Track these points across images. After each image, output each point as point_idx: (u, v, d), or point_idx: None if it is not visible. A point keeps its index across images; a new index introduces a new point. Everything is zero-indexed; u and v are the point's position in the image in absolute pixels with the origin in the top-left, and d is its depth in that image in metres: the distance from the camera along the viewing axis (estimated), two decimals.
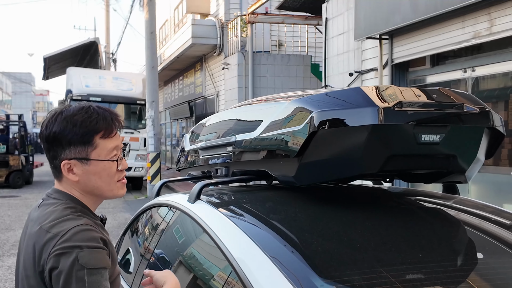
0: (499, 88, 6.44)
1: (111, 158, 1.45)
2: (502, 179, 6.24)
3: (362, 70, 8.58)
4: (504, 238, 1.90)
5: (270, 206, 2.01)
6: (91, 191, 1.47)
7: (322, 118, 1.75)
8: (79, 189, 1.46)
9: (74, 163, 1.42)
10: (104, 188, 1.46)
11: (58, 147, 1.42)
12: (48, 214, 1.39)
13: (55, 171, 1.46)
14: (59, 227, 1.33)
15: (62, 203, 1.42)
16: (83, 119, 1.40)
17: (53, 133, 1.41)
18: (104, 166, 1.44)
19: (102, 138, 1.43)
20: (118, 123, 1.47)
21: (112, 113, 1.47)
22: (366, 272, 1.49)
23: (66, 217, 1.36)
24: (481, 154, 1.96)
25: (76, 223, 1.33)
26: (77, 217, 1.37)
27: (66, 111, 1.43)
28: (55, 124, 1.41)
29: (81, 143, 1.41)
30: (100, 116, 1.43)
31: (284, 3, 12.48)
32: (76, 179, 1.43)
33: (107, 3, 25.82)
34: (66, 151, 1.41)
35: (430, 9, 6.34)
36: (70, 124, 1.40)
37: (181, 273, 2.04)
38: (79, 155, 1.41)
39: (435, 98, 1.84)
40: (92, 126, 1.41)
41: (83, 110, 1.43)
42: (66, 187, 1.46)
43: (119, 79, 16.07)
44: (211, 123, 3.01)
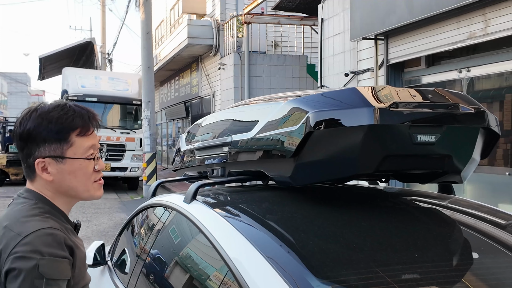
0: (494, 88, 6.46)
1: (87, 157, 1.41)
2: (498, 179, 6.26)
3: (358, 71, 8.59)
4: (499, 238, 1.91)
5: (266, 206, 2.01)
6: (65, 191, 1.41)
7: (318, 118, 1.75)
8: (52, 190, 1.41)
9: (48, 162, 1.37)
10: (79, 188, 1.41)
11: (32, 144, 1.37)
12: (14, 213, 1.35)
13: (28, 170, 1.41)
14: (22, 227, 1.28)
15: (30, 203, 1.37)
16: (59, 115, 1.37)
17: (27, 130, 1.36)
18: (80, 165, 1.39)
19: (78, 136, 1.38)
20: (95, 122, 1.43)
21: (89, 111, 1.43)
22: (362, 272, 1.49)
23: (31, 217, 1.31)
24: (476, 154, 1.97)
25: (41, 225, 1.28)
26: (43, 219, 1.31)
27: (41, 108, 1.39)
28: (29, 121, 1.36)
29: (56, 140, 1.36)
30: (76, 113, 1.39)
31: (280, 4, 12.49)
32: (50, 178, 1.38)
33: (103, 3, 25.76)
34: (40, 149, 1.36)
35: (425, 10, 6.36)
36: (45, 120, 1.36)
37: (177, 273, 2.04)
38: (54, 153, 1.37)
39: (431, 99, 1.85)
40: (68, 123, 1.37)
41: (59, 107, 1.39)
42: (38, 187, 1.41)
43: (115, 79, 16.03)
44: (207, 124, 3.01)
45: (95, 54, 24.56)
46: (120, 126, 14.99)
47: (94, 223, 9.26)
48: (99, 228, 8.76)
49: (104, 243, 2.88)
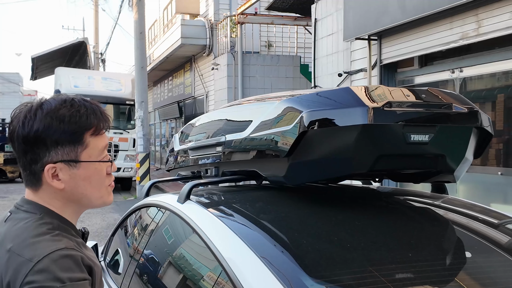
0: (486, 88, 6.49)
1: (103, 159, 1.25)
2: (490, 179, 6.29)
3: (351, 71, 8.61)
4: (492, 237, 1.92)
5: (260, 206, 2.01)
6: (77, 200, 1.24)
7: (312, 118, 1.76)
8: (62, 199, 1.22)
9: (60, 167, 1.19)
10: (94, 195, 1.25)
11: (40, 148, 1.18)
12: (18, 232, 1.15)
13: (32, 178, 1.21)
14: (32, 250, 1.08)
15: (35, 218, 1.18)
16: (71, 113, 1.19)
17: (35, 132, 1.16)
18: (95, 169, 1.23)
19: (92, 136, 1.22)
20: (107, 118, 1.27)
21: (99, 106, 1.27)
22: (356, 272, 1.49)
23: (40, 236, 1.12)
24: (469, 154, 1.98)
25: (55, 246, 1.09)
26: (54, 237, 1.13)
27: (47, 105, 1.20)
28: (35, 121, 1.17)
29: (70, 142, 1.19)
30: (89, 110, 1.22)
31: (273, 4, 12.50)
32: (61, 186, 1.20)
33: (96, 3, 25.67)
34: (51, 153, 1.18)
35: (418, 10, 6.38)
36: (55, 120, 1.17)
37: (171, 273, 2.04)
38: (67, 157, 1.19)
39: (424, 98, 1.85)
40: (82, 122, 1.20)
41: (67, 103, 1.20)
42: (44, 197, 1.21)
43: (108, 79, 15.98)
44: (200, 123, 3.01)
45: (88, 54, 24.49)
46: (113, 126, 14.93)
47: (87, 223, 9.22)
48: (92, 229, 8.73)
49: (97, 244, 2.87)
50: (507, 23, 5.48)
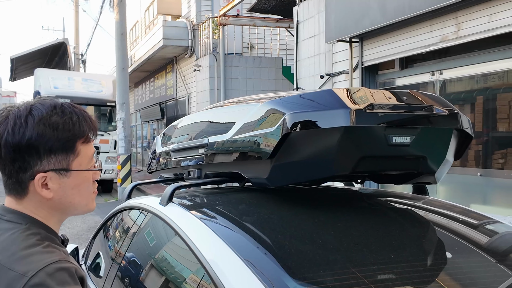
0: (466, 90, 6.58)
1: (92, 167, 1.23)
2: (470, 180, 6.38)
3: (333, 73, 8.66)
4: (472, 237, 1.94)
5: (243, 208, 2.01)
6: (64, 209, 1.21)
7: (294, 120, 1.76)
8: (48, 208, 1.19)
9: (50, 176, 1.15)
10: (81, 203, 1.22)
11: (32, 157, 1.13)
12: (4, 244, 1.09)
13: (18, 186, 1.16)
14: (25, 264, 1.04)
15: (21, 229, 1.13)
16: (64, 121, 1.16)
17: (28, 140, 1.12)
18: (85, 177, 1.21)
19: (83, 144, 1.19)
20: (96, 125, 1.25)
21: (87, 112, 1.24)
22: (338, 273, 1.50)
23: (32, 248, 1.08)
24: (450, 156, 2.00)
25: (50, 259, 1.05)
26: (46, 249, 1.09)
27: (36, 110, 1.15)
28: (27, 128, 1.12)
29: (63, 150, 1.15)
30: (80, 117, 1.19)
31: (255, 6, 12.52)
32: (50, 195, 1.16)
33: (76, 3, 25.42)
34: (43, 162, 1.14)
35: (398, 13, 6.45)
36: (49, 127, 1.13)
37: (153, 276, 2.02)
38: (59, 166, 1.16)
39: (405, 100, 1.87)
40: (76, 130, 1.17)
41: (58, 109, 1.17)
42: (29, 206, 1.17)
43: (88, 80, 15.83)
44: (183, 125, 3.00)
45: (68, 55, 24.25)
46: None
47: (67, 226, 9.12)
48: (73, 231, 8.63)
49: (77, 247, 2.84)
50: (485, 26, 5.57)
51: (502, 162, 6.07)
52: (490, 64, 6.01)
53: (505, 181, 5.88)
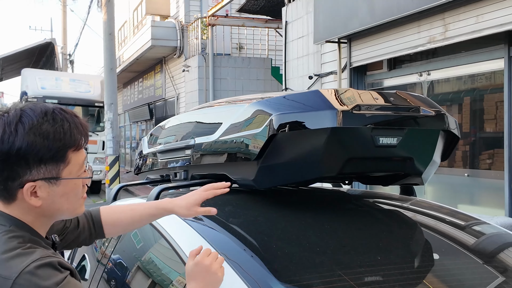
0: (453, 91, 6.62)
1: (82, 174, 1.21)
2: (457, 181, 6.41)
3: (322, 73, 8.67)
4: (459, 238, 1.94)
5: (229, 210, 1.99)
6: (51, 215, 1.20)
7: (281, 121, 1.75)
8: (35, 214, 1.18)
9: (39, 185, 1.14)
10: (69, 209, 1.21)
11: (21, 166, 1.11)
12: None
13: (6, 193, 1.15)
14: (7, 268, 1.04)
15: (4, 231, 1.12)
16: (55, 130, 1.13)
17: (17, 149, 1.09)
18: (74, 185, 1.19)
19: (74, 152, 1.17)
20: (88, 131, 1.22)
21: (78, 117, 1.21)
22: (325, 276, 1.49)
23: (12, 251, 1.07)
24: (437, 157, 2.00)
25: (30, 259, 1.05)
26: (26, 250, 1.09)
27: (27, 118, 1.12)
28: (17, 137, 1.10)
29: (53, 160, 1.13)
30: (72, 125, 1.16)
31: (244, 6, 12.51)
32: (39, 203, 1.15)
33: (64, 3, 25.23)
34: (32, 172, 1.12)
35: (386, 14, 6.47)
36: (39, 137, 1.11)
37: (139, 278, 2.00)
38: (48, 175, 1.14)
39: (393, 101, 1.86)
40: (67, 139, 1.14)
41: (49, 117, 1.14)
42: (15, 211, 1.16)
43: (76, 81, 15.72)
44: (170, 126, 2.98)
45: (56, 55, 24.08)
46: None
47: None
48: None
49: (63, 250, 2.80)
50: (472, 27, 5.60)
51: (489, 162, 6.11)
52: (477, 65, 6.04)
53: (492, 181, 5.92)
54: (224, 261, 1.33)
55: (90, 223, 1.54)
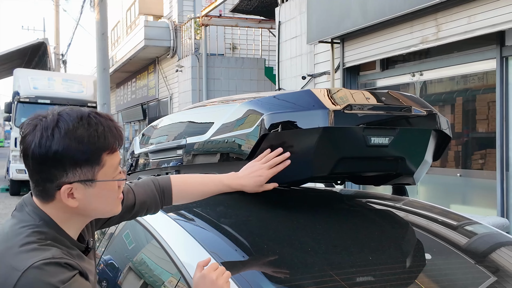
0: (446, 92, 6.64)
1: (117, 176, 1.26)
2: (449, 181, 6.43)
3: (315, 74, 8.67)
4: (451, 238, 1.94)
5: (220, 210, 1.98)
6: (87, 214, 1.27)
7: (273, 120, 1.74)
8: (71, 213, 1.23)
9: (76, 187, 1.20)
10: (105, 209, 1.27)
11: (57, 169, 1.17)
12: (10, 235, 1.17)
13: (44, 194, 1.21)
14: (20, 260, 1.10)
15: (32, 225, 1.19)
16: (89, 134, 1.18)
17: (54, 153, 1.15)
18: (110, 186, 1.25)
19: (109, 154, 1.22)
20: (122, 134, 1.27)
21: (113, 120, 1.26)
22: (316, 276, 1.48)
23: (30, 245, 1.13)
24: (428, 156, 1.99)
25: (42, 256, 1.11)
26: (42, 247, 1.14)
27: (63, 122, 1.18)
28: (53, 142, 1.16)
29: (88, 163, 1.19)
30: (106, 129, 1.21)
31: (237, 6, 12.49)
32: (75, 204, 1.21)
33: (56, 3, 25.12)
34: (68, 174, 1.18)
35: (379, 14, 6.48)
36: (74, 141, 1.16)
37: (130, 280, 1.99)
38: (84, 177, 1.20)
39: (384, 101, 1.85)
40: (101, 143, 1.20)
41: (84, 121, 1.19)
42: (52, 210, 1.22)
43: (69, 81, 15.66)
44: (162, 126, 2.96)
45: (48, 55, 23.98)
46: None
47: None
48: None
49: None
50: (465, 28, 5.62)
51: (482, 162, 6.13)
52: (470, 66, 6.07)
53: (485, 181, 5.94)
54: (230, 276, 1.34)
55: (159, 192, 1.59)
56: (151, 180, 1.60)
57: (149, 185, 1.58)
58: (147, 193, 1.57)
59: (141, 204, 1.55)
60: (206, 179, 1.69)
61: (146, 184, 1.58)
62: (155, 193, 1.59)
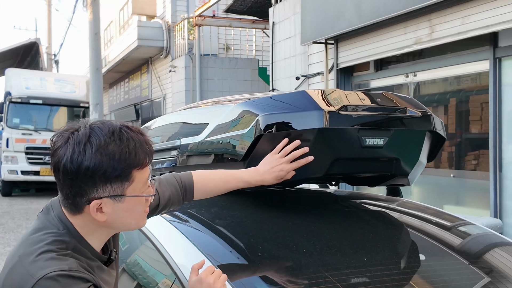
0: (439, 92, 6.66)
1: (145, 191, 1.26)
2: (443, 181, 6.45)
3: (309, 74, 8.68)
4: (445, 239, 1.95)
5: (215, 211, 1.98)
6: (115, 227, 1.28)
7: (268, 121, 1.73)
8: (98, 226, 1.25)
9: (105, 202, 1.20)
10: (132, 222, 1.28)
11: (88, 184, 1.18)
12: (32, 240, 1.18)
13: (74, 207, 1.21)
14: (37, 267, 1.12)
15: (54, 233, 1.20)
16: (121, 150, 1.18)
17: (85, 168, 1.16)
18: (138, 201, 1.25)
19: (138, 170, 1.22)
20: (152, 149, 1.27)
21: (144, 134, 1.26)
22: (311, 277, 1.48)
23: (49, 254, 1.14)
24: (423, 157, 1.99)
25: (59, 267, 1.12)
26: (62, 256, 1.15)
27: (95, 138, 1.18)
28: (85, 157, 1.16)
29: (118, 179, 1.19)
30: (137, 144, 1.21)
31: (231, 7, 12.48)
32: (104, 219, 1.22)
33: (48, 3, 25.01)
34: (98, 190, 1.19)
35: (373, 15, 6.49)
36: (105, 157, 1.17)
37: (124, 281, 1.98)
38: (113, 193, 1.20)
39: (379, 102, 1.85)
40: (132, 160, 1.20)
41: (116, 136, 1.19)
42: (78, 221, 1.23)
43: (61, 81, 15.61)
44: (156, 126, 2.95)
45: (41, 55, 23.88)
46: None
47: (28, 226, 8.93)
48: None
49: None
50: (458, 29, 5.64)
51: (475, 163, 6.15)
52: (463, 66, 6.09)
53: (478, 182, 5.96)
54: (226, 279, 1.34)
55: (182, 189, 1.59)
56: (173, 177, 1.60)
57: (172, 182, 1.58)
58: (170, 190, 1.56)
59: (165, 202, 1.55)
60: (227, 176, 1.68)
61: (169, 180, 1.58)
62: (178, 190, 1.58)
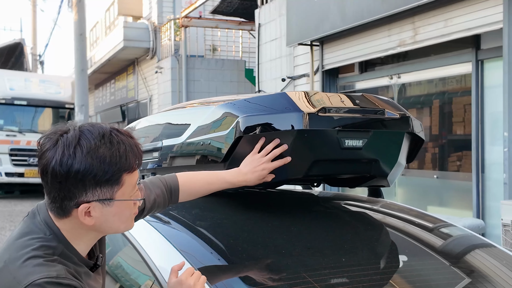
0: (423, 94, 6.72)
1: (134, 194, 1.25)
2: (426, 182, 6.50)
3: (295, 76, 8.71)
4: (426, 240, 1.96)
5: (196, 212, 1.98)
6: (102, 231, 1.26)
7: (248, 123, 1.74)
8: (86, 230, 1.22)
9: (93, 206, 1.18)
10: (120, 226, 1.26)
11: (77, 188, 1.16)
12: (18, 245, 1.16)
13: (60, 210, 1.19)
14: (23, 274, 1.10)
15: (42, 238, 1.17)
16: (111, 154, 1.16)
17: (75, 172, 1.14)
18: (127, 205, 1.24)
19: (128, 174, 1.21)
20: (142, 153, 1.26)
21: (133, 138, 1.24)
22: (290, 278, 1.48)
23: (36, 260, 1.12)
24: (402, 159, 2.01)
25: (47, 273, 1.09)
26: (50, 263, 1.13)
27: (85, 140, 1.16)
28: (75, 161, 1.14)
29: (108, 183, 1.18)
30: (127, 148, 1.19)
31: (218, 8, 12.48)
32: (92, 222, 1.20)
33: (33, 3, 24.78)
34: (88, 193, 1.17)
35: (357, 18, 6.53)
36: (96, 160, 1.15)
37: (107, 283, 1.96)
38: (103, 196, 1.18)
39: (359, 104, 1.87)
40: (122, 163, 1.18)
41: (106, 139, 1.17)
42: (65, 225, 1.20)
43: (46, 82, 15.46)
44: (140, 127, 2.94)
45: (25, 55, 23.59)
46: None
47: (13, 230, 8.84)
48: None
49: None
50: (441, 31, 5.70)
51: (458, 164, 6.21)
52: (446, 69, 6.15)
53: (461, 183, 6.02)
54: (206, 280, 1.33)
55: (167, 191, 1.58)
56: (158, 179, 1.59)
57: (157, 184, 1.57)
58: (156, 193, 1.54)
59: (151, 205, 1.53)
60: (211, 178, 1.68)
61: (154, 183, 1.57)
62: (164, 192, 1.57)
